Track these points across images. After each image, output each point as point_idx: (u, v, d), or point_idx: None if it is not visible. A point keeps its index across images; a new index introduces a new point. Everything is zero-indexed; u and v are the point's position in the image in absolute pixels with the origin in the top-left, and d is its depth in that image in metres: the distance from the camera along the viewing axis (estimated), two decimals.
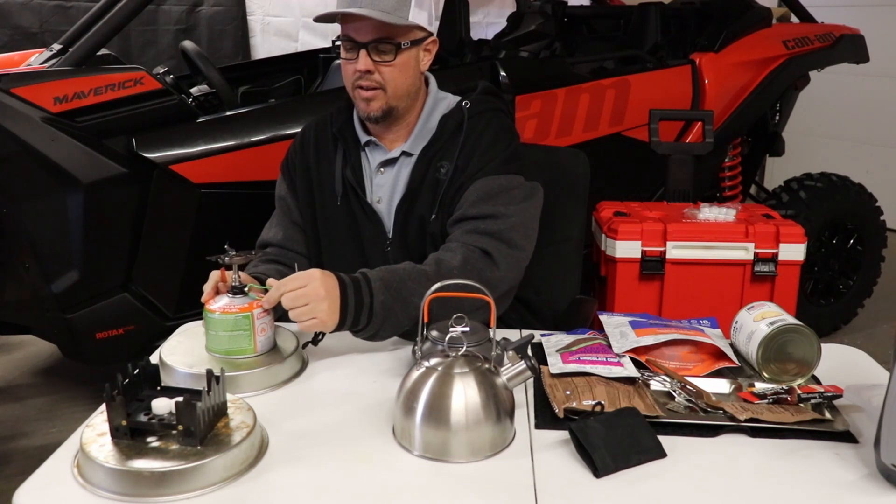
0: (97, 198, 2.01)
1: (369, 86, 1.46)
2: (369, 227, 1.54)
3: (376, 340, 1.34)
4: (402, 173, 1.54)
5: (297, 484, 0.97)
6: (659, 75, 2.92)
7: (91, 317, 2.10)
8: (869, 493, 0.96)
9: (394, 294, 1.32)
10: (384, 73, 1.45)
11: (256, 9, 4.55)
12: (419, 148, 1.53)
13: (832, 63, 3.42)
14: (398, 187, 1.54)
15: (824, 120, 5.01)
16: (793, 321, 1.22)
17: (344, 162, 1.56)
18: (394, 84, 1.47)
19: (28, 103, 1.93)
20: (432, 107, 1.56)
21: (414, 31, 1.46)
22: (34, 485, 0.95)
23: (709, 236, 2.28)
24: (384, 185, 1.55)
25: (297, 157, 1.63)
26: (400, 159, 1.54)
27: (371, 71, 1.45)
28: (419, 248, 1.52)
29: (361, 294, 1.30)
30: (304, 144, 1.63)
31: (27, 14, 3.94)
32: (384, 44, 1.44)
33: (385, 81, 1.46)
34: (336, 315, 1.27)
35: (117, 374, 0.98)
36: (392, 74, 1.46)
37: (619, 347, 1.27)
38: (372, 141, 1.56)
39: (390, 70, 1.45)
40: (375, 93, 1.47)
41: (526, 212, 1.49)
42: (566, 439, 1.04)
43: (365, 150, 1.57)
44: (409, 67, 1.48)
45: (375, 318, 1.31)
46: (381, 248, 1.54)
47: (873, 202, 3.21)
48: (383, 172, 1.56)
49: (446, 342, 1.11)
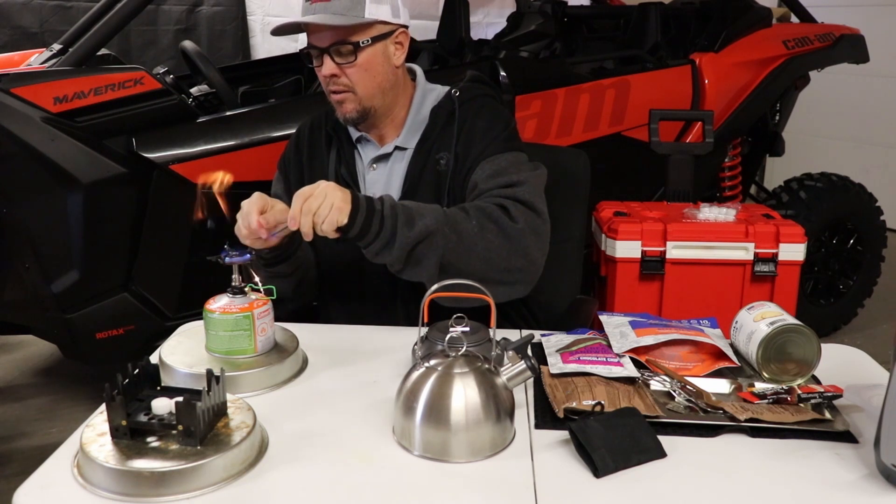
0: (97, 198, 2.01)
1: (339, 90, 1.46)
2: None
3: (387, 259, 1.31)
4: (397, 168, 1.53)
5: (297, 484, 0.97)
6: (659, 75, 2.92)
7: (91, 317, 2.10)
8: (869, 493, 0.96)
9: (401, 210, 1.31)
10: (350, 75, 1.45)
11: (256, 9, 4.55)
12: (413, 142, 1.52)
13: (832, 63, 3.42)
14: (393, 182, 1.53)
15: (824, 120, 5.01)
16: (793, 321, 1.22)
17: (338, 160, 1.56)
18: (362, 84, 1.46)
19: (28, 103, 1.93)
20: (421, 99, 1.55)
21: (375, 26, 1.44)
22: (34, 485, 0.95)
23: (709, 236, 2.28)
24: (378, 181, 1.55)
25: (291, 155, 1.63)
26: (393, 154, 1.54)
27: (337, 75, 1.45)
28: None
29: (371, 200, 1.30)
30: (299, 143, 1.63)
31: (27, 14, 3.94)
32: (343, 45, 1.43)
33: (353, 83, 1.46)
34: (349, 203, 1.26)
35: (117, 374, 0.98)
36: (358, 75, 1.45)
37: (619, 347, 1.27)
38: (363, 137, 1.56)
39: (355, 71, 1.45)
40: (346, 95, 1.47)
41: (538, 179, 1.47)
42: (566, 439, 1.04)
43: (357, 146, 1.57)
44: (377, 64, 1.46)
45: (386, 221, 1.29)
46: None
47: (873, 202, 3.21)
48: (375, 168, 1.55)
49: (446, 342, 1.11)
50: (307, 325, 1.51)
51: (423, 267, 1.33)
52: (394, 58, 1.49)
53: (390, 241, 1.30)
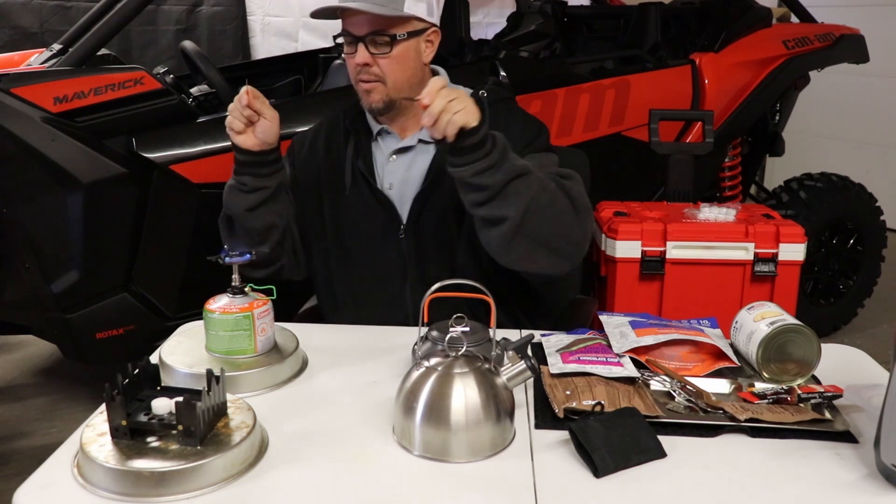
0: (97, 198, 2.01)
1: (369, 79, 1.48)
2: (381, 213, 1.55)
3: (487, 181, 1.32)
4: (419, 160, 1.55)
5: (297, 484, 0.97)
6: (659, 75, 2.92)
7: (91, 317, 2.10)
8: (869, 493, 0.96)
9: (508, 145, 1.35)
10: (382, 66, 1.47)
11: (256, 9, 4.55)
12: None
13: (832, 63, 3.42)
14: (413, 174, 1.55)
15: (824, 120, 5.01)
16: (793, 321, 1.22)
17: (355, 153, 1.58)
18: (392, 76, 1.48)
19: (28, 103, 1.93)
20: None
21: (411, 22, 1.47)
22: (34, 485, 0.95)
23: (709, 236, 2.28)
24: (396, 171, 1.56)
25: (304, 148, 1.65)
26: (417, 147, 1.56)
27: (369, 64, 1.47)
28: (435, 234, 1.53)
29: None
30: (315, 139, 1.65)
31: (27, 14, 3.94)
32: (380, 36, 1.45)
33: (384, 74, 1.48)
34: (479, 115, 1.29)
35: (117, 374, 0.98)
36: (390, 66, 1.47)
37: (619, 347, 1.27)
38: (384, 129, 1.58)
39: (388, 62, 1.47)
40: (375, 85, 1.48)
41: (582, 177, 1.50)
42: (566, 439, 1.04)
43: (377, 139, 1.59)
44: (409, 59, 1.49)
45: (497, 143, 1.32)
46: (394, 234, 1.54)
47: (873, 202, 3.21)
48: (395, 160, 1.57)
49: (446, 342, 1.11)
50: (307, 325, 1.51)
51: (511, 203, 1.33)
52: (423, 55, 1.52)
53: (497, 163, 1.32)
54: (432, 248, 1.52)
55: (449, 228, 1.53)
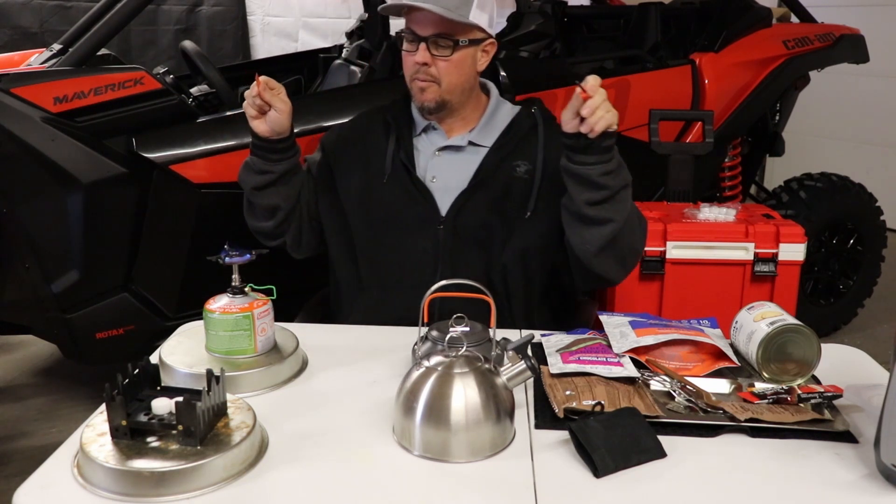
0: (97, 198, 2.01)
1: (425, 78, 1.55)
2: (420, 202, 1.59)
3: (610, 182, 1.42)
4: (467, 160, 1.61)
5: (297, 484, 0.97)
6: (659, 75, 2.91)
7: (91, 317, 2.10)
8: (869, 493, 0.96)
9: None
10: (440, 68, 1.54)
11: (256, 9, 4.56)
12: (488, 140, 1.61)
13: (832, 63, 3.41)
14: (459, 171, 1.60)
15: (824, 120, 5.01)
16: (793, 321, 1.22)
17: (397, 145, 1.63)
18: (448, 79, 1.55)
19: (28, 103, 1.92)
20: (496, 105, 1.67)
21: (474, 30, 1.55)
22: (34, 485, 0.95)
23: (709, 236, 2.28)
24: (441, 165, 1.61)
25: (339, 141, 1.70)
26: (466, 148, 1.62)
27: (428, 64, 1.53)
28: (473, 231, 1.57)
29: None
30: (356, 129, 1.71)
31: (27, 14, 3.95)
32: (443, 39, 1.52)
33: (440, 75, 1.54)
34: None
35: (117, 374, 0.98)
36: (447, 69, 1.54)
37: (619, 347, 1.27)
38: (431, 126, 1.64)
39: (446, 65, 1.54)
40: (430, 84, 1.55)
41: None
42: (566, 439, 1.04)
43: (423, 134, 1.64)
44: (466, 65, 1.56)
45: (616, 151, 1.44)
46: (432, 225, 1.58)
47: (873, 202, 3.21)
48: (440, 155, 1.62)
49: (446, 342, 1.11)
50: (307, 325, 1.51)
51: (619, 209, 1.45)
52: (479, 63, 1.60)
53: (618, 168, 1.44)
54: (468, 244, 1.57)
55: (487, 228, 1.58)
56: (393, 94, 1.76)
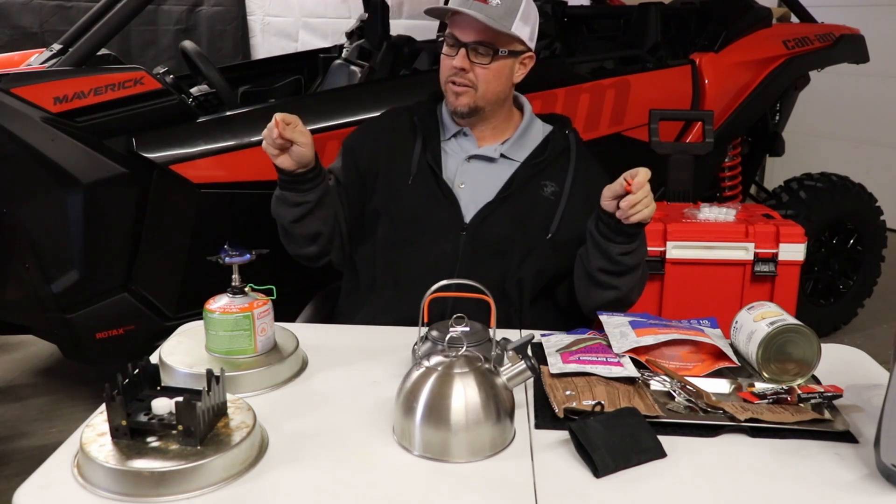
0: (97, 198, 2.01)
1: (462, 83, 1.56)
2: (446, 206, 1.59)
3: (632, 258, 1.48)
4: (498, 172, 1.62)
5: (297, 484, 0.97)
6: (659, 75, 2.92)
7: (91, 317, 2.10)
8: (869, 493, 0.96)
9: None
10: (478, 74, 1.55)
11: (256, 9, 4.56)
12: (521, 155, 1.63)
13: (832, 63, 3.41)
14: (488, 181, 1.61)
15: (824, 120, 5.01)
16: (793, 321, 1.22)
17: (423, 148, 1.63)
18: (485, 86, 1.56)
19: (28, 103, 1.93)
20: (529, 121, 1.68)
21: (514, 42, 1.56)
22: (34, 485, 0.95)
23: (709, 236, 2.28)
24: (471, 172, 1.62)
25: (367, 139, 1.69)
26: (499, 160, 1.63)
27: (466, 70, 1.54)
28: (494, 241, 1.57)
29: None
30: (380, 129, 1.71)
31: (27, 14, 3.95)
32: (484, 47, 1.53)
33: (477, 82, 1.56)
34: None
35: (117, 374, 0.98)
36: (485, 77, 1.55)
37: (619, 347, 1.27)
38: (463, 132, 1.64)
39: (484, 73, 1.55)
40: (466, 90, 1.56)
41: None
42: (566, 439, 1.04)
43: (453, 138, 1.65)
44: (503, 75, 1.57)
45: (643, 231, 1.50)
46: (455, 230, 1.58)
47: (873, 202, 3.21)
48: (471, 163, 1.62)
49: (446, 342, 1.11)
50: (307, 325, 1.51)
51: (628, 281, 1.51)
52: (515, 75, 1.61)
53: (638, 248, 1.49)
54: (487, 253, 1.57)
55: (508, 241, 1.58)
56: (393, 93, 1.76)
